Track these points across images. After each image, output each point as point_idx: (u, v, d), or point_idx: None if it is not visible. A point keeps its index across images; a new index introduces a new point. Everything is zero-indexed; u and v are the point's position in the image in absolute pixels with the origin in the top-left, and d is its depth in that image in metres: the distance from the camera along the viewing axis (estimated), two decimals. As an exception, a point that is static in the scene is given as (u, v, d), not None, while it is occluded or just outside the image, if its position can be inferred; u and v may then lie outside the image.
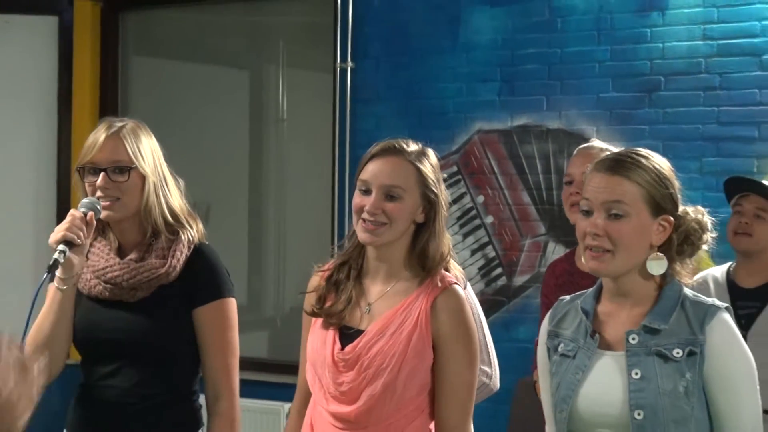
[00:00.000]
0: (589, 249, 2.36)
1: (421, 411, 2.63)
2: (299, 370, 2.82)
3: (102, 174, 2.76)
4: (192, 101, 6.33)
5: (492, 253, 5.37)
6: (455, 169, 5.43)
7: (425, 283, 2.65)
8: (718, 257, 3.88)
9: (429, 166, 2.67)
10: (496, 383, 3.10)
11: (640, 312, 2.37)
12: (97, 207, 2.74)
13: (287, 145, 6.17)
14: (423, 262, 2.67)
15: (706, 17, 4.91)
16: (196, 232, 2.87)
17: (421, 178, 2.65)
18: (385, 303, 2.65)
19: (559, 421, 2.38)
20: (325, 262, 2.80)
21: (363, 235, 2.64)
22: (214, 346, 2.83)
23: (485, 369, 3.02)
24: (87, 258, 2.81)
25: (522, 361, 4.48)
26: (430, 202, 2.66)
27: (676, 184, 2.41)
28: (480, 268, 5.37)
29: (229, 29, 6.35)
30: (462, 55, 5.42)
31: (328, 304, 2.69)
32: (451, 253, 2.73)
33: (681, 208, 2.40)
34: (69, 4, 6.23)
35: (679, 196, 2.40)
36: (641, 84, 5.03)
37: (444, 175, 2.79)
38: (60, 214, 6.06)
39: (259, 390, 5.52)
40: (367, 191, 2.65)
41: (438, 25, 5.48)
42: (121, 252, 2.86)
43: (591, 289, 2.48)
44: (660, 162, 2.40)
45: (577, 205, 2.73)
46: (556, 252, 5.11)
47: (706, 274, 3.77)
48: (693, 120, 4.93)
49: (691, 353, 2.29)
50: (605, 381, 2.34)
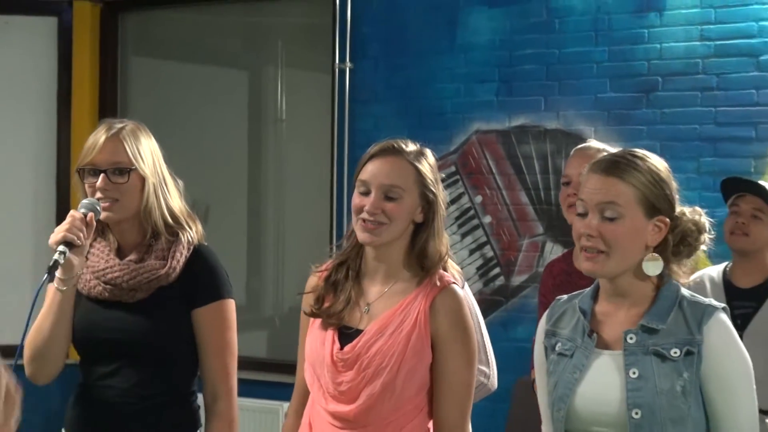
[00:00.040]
0: (584, 250, 2.36)
1: (419, 410, 2.63)
2: (297, 370, 2.82)
3: (102, 175, 2.77)
4: (191, 101, 6.32)
5: (490, 253, 5.37)
6: (453, 169, 5.43)
7: (424, 283, 2.65)
8: (715, 257, 3.87)
9: (427, 166, 2.68)
10: (493, 383, 3.10)
11: (638, 312, 2.37)
12: (97, 208, 2.74)
13: (286, 145, 6.16)
14: (422, 262, 2.67)
15: (704, 18, 4.90)
16: (195, 233, 2.87)
17: (420, 178, 2.65)
18: (383, 303, 2.66)
19: (557, 420, 2.38)
20: (322, 263, 2.79)
21: (362, 235, 2.64)
22: (213, 346, 2.83)
23: (483, 369, 3.01)
24: (86, 259, 2.81)
25: (520, 360, 4.48)
26: (428, 201, 2.66)
27: (673, 184, 2.40)
28: (478, 268, 5.37)
29: (228, 30, 6.35)
30: (460, 56, 5.42)
31: (327, 304, 2.69)
32: (449, 252, 2.73)
33: (678, 209, 2.39)
34: (68, 5, 6.22)
35: (676, 197, 2.39)
36: (639, 84, 5.02)
37: (442, 175, 2.80)
38: (59, 214, 6.06)
39: (258, 389, 5.53)
40: (366, 191, 2.65)
41: (436, 26, 5.47)
42: (120, 253, 2.86)
43: (588, 288, 2.48)
44: (656, 163, 2.39)
45: (574, 206, 2.73)
46: (553, 252, 5.11)
47: (702, 274, 3.79)
48: (690, 120, 4.93)
49: (688, 353, 2.29)
50: (603, 380, 2.34)
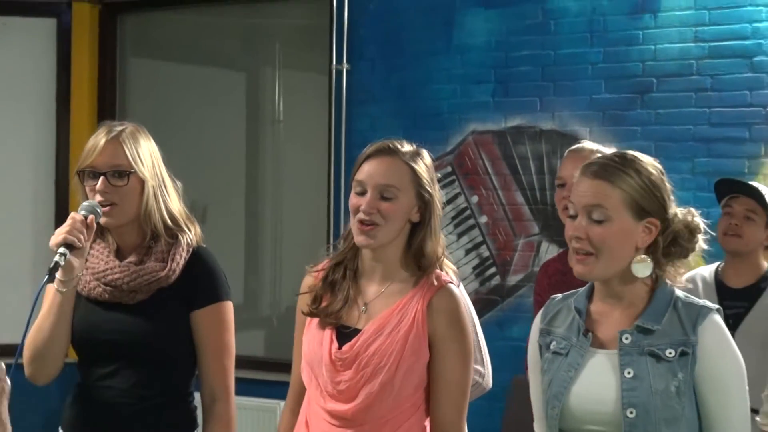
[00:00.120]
0: (575, 252, 2.37)
1: (417, 408, 2.64)
2: (292, 369, 2.82)
3: (101, 178, 2.76)
4: (189, 103, 6.32)
5: (486, 253, 5.38)
6: (449, 169, 5.44)
7: (421, 283, 2.66)
8: (708, 257, 3.88)
9: (423, 166, 2.68)
10: (488, 382, 3.10)
11: (633, 312, 2.37)
12: (98, 210, 2.74)
13: (283, 146, 6.17)
14: (419, 262, 2.67)
15: (698, 20, 4.92)
16: (194, 235, 2.87)
17: (416, 178, 2.65)
18: (381, 302, 2.66)
19: (551, 418, 2.39)
20: (317, 263, 2.79)
21: (359, 238, 2.64)
22: (212, 348, 2.84)
23: (478, 368, 3.01)
24: (86, 260, 2.81)
25: (516, 359, 4.47)
26: (424, 201, 2.66)
27: (666, 186, 2.39)
28: (474, 268, 5.39)
29: (226, 31, 6.35)
30: (456, 57, 5.43)
31: (325, 303, 2.69)
32: (445, 252, 2.73)
33: (671, 210, 2.39)
34: (67, 7, 6.22)
35: (668, 198, 2.39)
36: (633, 85, 5.04)
37: (438, 176, 2.80)
38: (58, 214, 6.06)
39: (256, 388, 5.54)
40: (362, 191, 2.65)
41: (432, 28, 5.48)
42: (119, 254, 2.86)
43: (583, 288, 2.48)
44: (648, 165, 2.39)
45: (568, 209, 2.75)
46: (549, 252, 5.12)
47: (694, 274, 3.77)
48: (685, 121, 4.94)
49: (683, 354, 2.30)
50: (598, 379, 2.34)
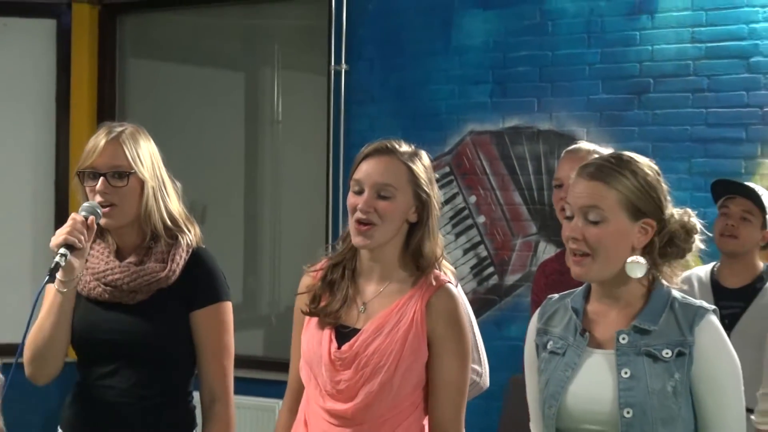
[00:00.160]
0: (572, 253, 2.38)
1: (415, 407, 2.65)
2: (290, 368, 2.82)
3: (101, 179, 2.77)
4: (189, 103, 6.33)
5: (484, 253, 5.39)
6: (448, 169, 5.45)
7: (419, 283, 2.66)
8: (705, 256, 3.89)
9: (421, 166, 2.68)
10: (485, 381, 3.11)
11: (630, 312, 2.38)
12: (98, 211, 2.75)
13: (282, 146, 6.18)
14: (417, 262, 2.68)
15: (695, 20, 4.93)
16: (193, 236, 2.88)
17: (413, 178, 2.65)
18: (380, 302, 2.66)
19: (548, 418, 2.39)
20: (315, 263, 2.80)
21: (356, 239, 2.64)
22: (211, 349, 2.84)
23: (475, 368, 3.01)
24: (86, 260, 2.81)
25: (513, 358, 4.46)
26: (422, 201, 2.66)
27: (663, 187, 2.40)
28: (472, 268, 5.40)
29: (225, 32, 6.35)
30: (454, 58, 5.44)
31: (324, 303, 2.69)
32: (443, 252, 2.73)
33: (668, 211, 2.39)
34: (67, 8, 6.22)
35: (665, 199, 2.39)
36: (631, 86, 5.05)
37: (436, 176, 2.80)
38: (58, 215, 6.07)
39: (255, 387, 5.54)
40: (360, 191, 2.65)
41: (431, 28, 5.49)
42: (119, 255, 2.86)
43: (580, 288, 2.49)
44: (644, 166, 2.39)
45: (565, 209, 2.76)
46: (547, 251, 5.13)
47: (690, 274, 3.77)
48: (682, 121, 4.95)
49: (680, 354, 2.30)
50: (595, 379, 2.35)
